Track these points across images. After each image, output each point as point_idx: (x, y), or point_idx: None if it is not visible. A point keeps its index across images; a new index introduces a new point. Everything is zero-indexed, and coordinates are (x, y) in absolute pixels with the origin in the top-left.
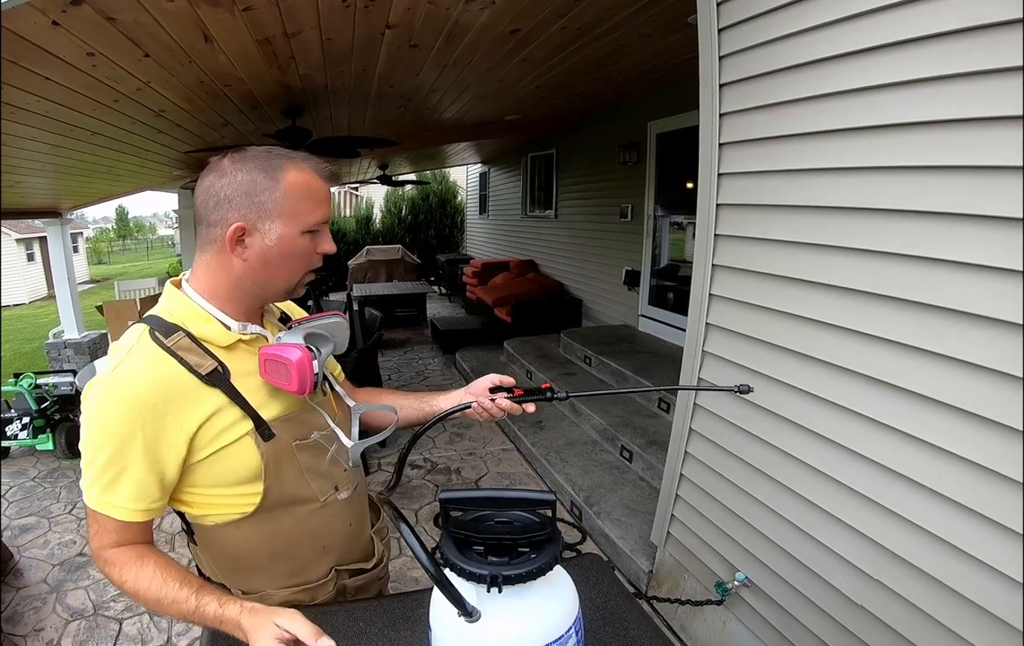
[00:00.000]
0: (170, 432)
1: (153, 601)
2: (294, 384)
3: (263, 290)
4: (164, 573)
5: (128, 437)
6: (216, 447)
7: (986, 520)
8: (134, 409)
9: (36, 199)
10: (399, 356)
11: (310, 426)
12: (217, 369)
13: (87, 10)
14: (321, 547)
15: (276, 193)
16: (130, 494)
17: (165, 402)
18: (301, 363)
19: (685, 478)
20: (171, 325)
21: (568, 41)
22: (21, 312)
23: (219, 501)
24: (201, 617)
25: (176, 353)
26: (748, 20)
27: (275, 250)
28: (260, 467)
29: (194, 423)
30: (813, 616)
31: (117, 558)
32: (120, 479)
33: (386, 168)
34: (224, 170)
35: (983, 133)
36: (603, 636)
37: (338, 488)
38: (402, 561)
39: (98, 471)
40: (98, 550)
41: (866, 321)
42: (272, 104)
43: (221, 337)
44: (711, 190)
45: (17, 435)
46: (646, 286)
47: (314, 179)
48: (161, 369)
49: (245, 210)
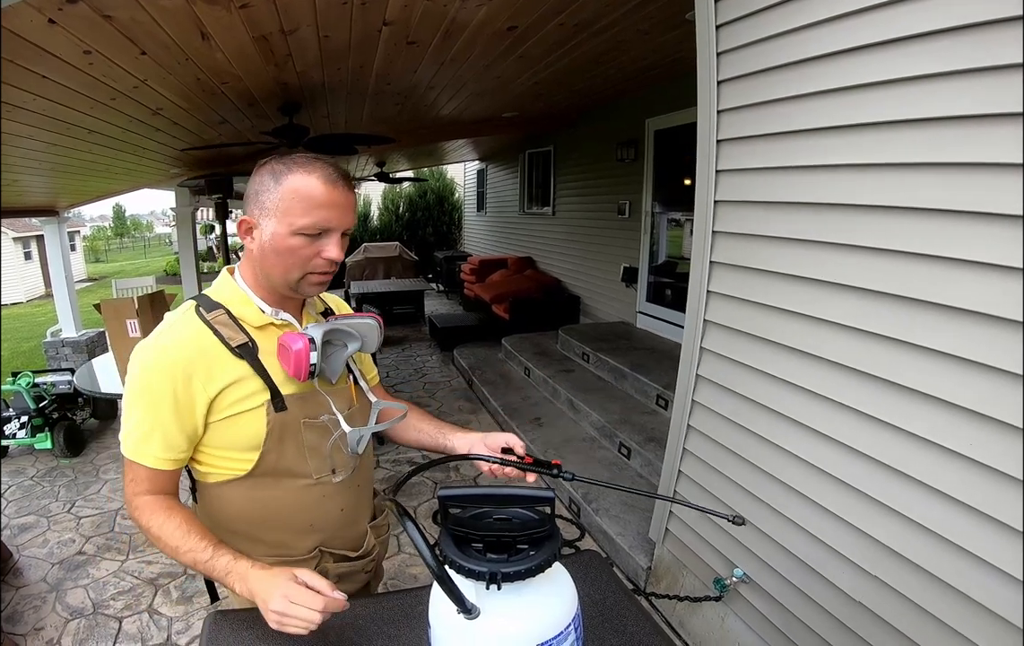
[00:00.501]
0: (196, 392)
1: (172, 548)
2: (291, 368)
3: (269, 279)
4: (188, 525)
5: (161, 395)
6: (232, 412)
7: (984, 516)
8: (167, 370)
9: (33, 197)
10: (397, 353)
11: (322, 408)
12: (247, 343)
13: (83, 8)
14: (308, 524)
15: (274, 194)
16: (161, 445)
17: (193, 366)
18: (298, 353)
19: (683, 475)
20: (215, 303)
21: (566, 38)
22: (19, 311)
23: (222, 462)
24: (212, 568)
25: (213, 325)
26: (746, 17)
27: (269, 245)
28: (264, 435)
29: (216, 387)
30: (811, 612)
31: (148, 505)
32: (153, 432)
33: (383, 165)
34: (255, 171)
35: (979, 130)
36: (602, 633)
37: (335, 471)
38: (401, 558)
39: (134, 424)
40: (131, 496)
41: (864, 318)
42: (269, 101)
43: (255, 318)
44: (709, 187)
45: (15, 434)
46: (644, 283)
47: (317, 185)
48: (195, 337)
49: (253, 207)
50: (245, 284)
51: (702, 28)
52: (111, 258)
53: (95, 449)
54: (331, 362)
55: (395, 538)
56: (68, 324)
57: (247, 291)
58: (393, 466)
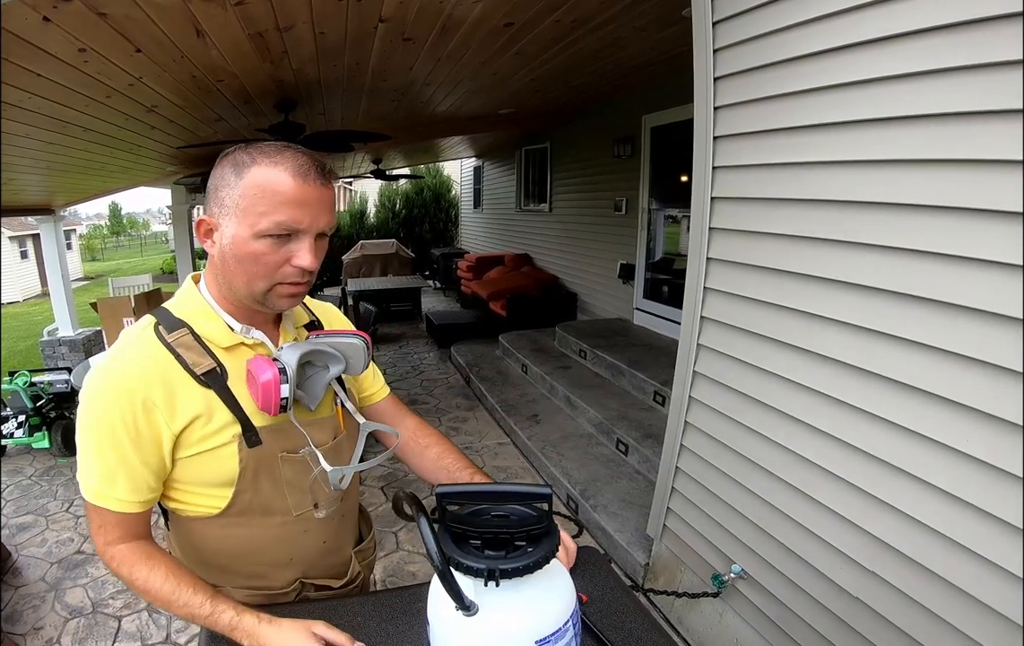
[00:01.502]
0: (159, 425)
1: (164, 601)
2: (259, 400)
3: (234, 293)
4: (176, 577)
5: (121, 428)
6: (201, 448)
7: (981, 512)
8: (125, 400)
9: (29, 196)
10: (394, 351)
11: (301, 440)
12: (215, 369)
13: (78, 5)
14: (288, 558)
15: (235, 190)
16: (127, 486)
17: (153, 396)
18: (266, 385)
19: (681, 471)
20: (177, 320)
21: (562, 34)
22: (15, 310)
23: (192, 498)
24: (214, 623)
25: (175, 349)
26: (743, 13)
27: (229, 250)
28: (236, 473)
29: (180, 422)
30: (809, 608)
31: (126, 557)
32: (117, 472)
33: (380, 162)
34: (217, 162)
35: (978, 127)
36: (600, 629)
37: (318, 506)
38: (400, 556)
39: (94, 462)
40: (104, 547)
41: (861, 314)
42: (265, 99)
43: (223, 337)
44: (706, 184)
45: (13, 434)
46: (641, 279)
47: (283, 179)
48: (154, 364)
49: (212, 205)
50: (210, 296)
51: (699, 24)
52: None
53: None
54: (310, 387)
55: (393, 535)
56: (65, 323)
57: (212, 305)
58: (391, 463)
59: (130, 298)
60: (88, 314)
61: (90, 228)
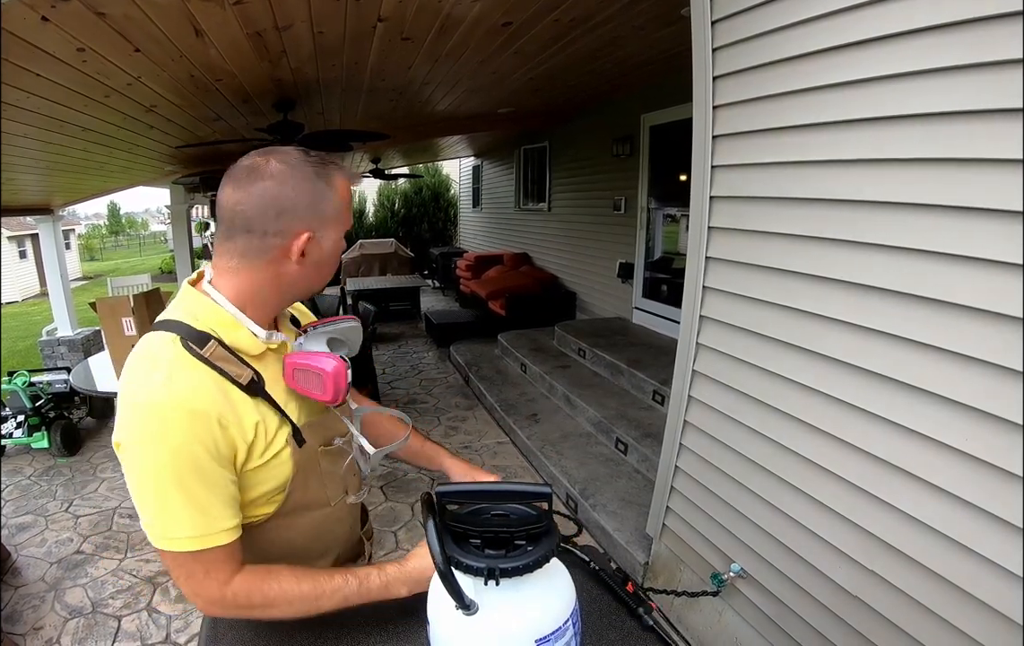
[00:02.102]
0: (235, 441)
1: (311, 601)
2: (328, 394)
3: (300, 293)
4: (304, 573)
5: (203, 455)
6: (266, 457)
7: (980, 511)
8: (200, 424)
9: (28, 196)
10: (393, 350)
11: (333, 432)
12: (254, 378)
13: (76, 5)
14: (324, 549)
15: (334, 200)
16: (224, 512)
17: (225, 413)
18: (337, 373)
19: (680, 470)
20: (201, 333)
21: (561, 33)
22: (14, 310)
23: (246, 510)
24: (367, 592)
25: (214, 363)
26: (741, 13)
27: (328, 254)
28: (290, 475)
29: (250, 434)
30: (809, 607)
31: (251, 585)
32: (210, 502)
33: (378, 161)
34: (282, 177)
35: (976, 126)
36: (600, 628)
37: (347, 492)
38: (399, 555)
39: (181, 506)
40: (219, 592)
41: (859, 313)
42: (264, 98)
43: (251, 346)
44: (704, 183)
45: (12, 434)
46: (640, 278)
47: (346, 184)
48: (210, 381)
49: (310, 219)
50: (231, 305)
51: (698, 24)
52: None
53: (92, 448)
54: None
55: (392, 534)
56: (64, 323)
57: (234, 312)
58: (390, 462)
59: (129, 298)
60: (87, 314)
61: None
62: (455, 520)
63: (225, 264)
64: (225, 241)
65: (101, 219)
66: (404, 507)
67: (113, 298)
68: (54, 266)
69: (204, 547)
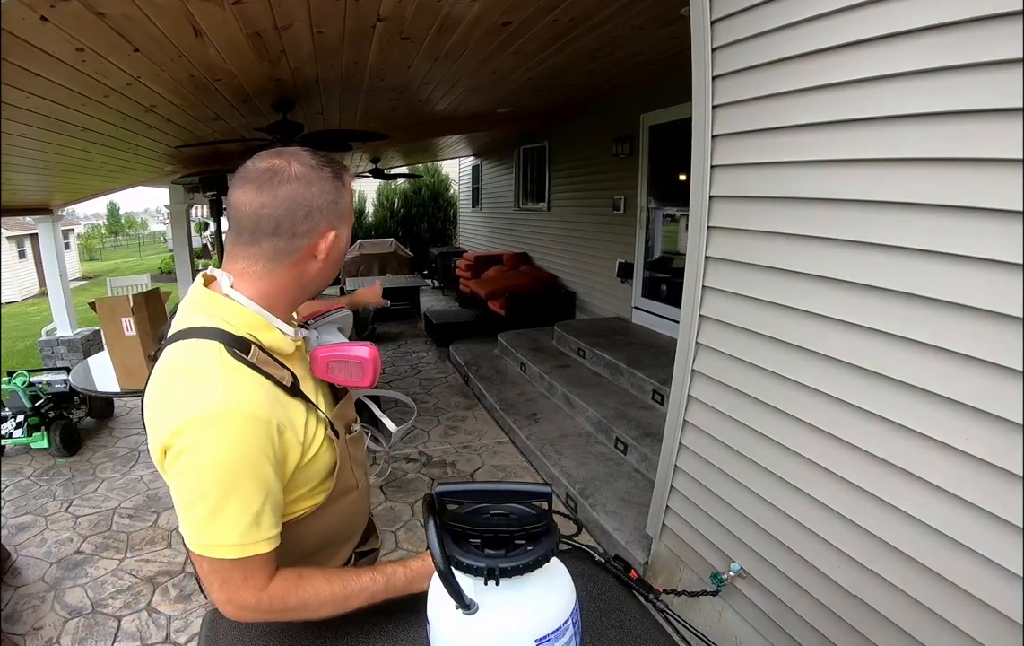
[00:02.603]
0: (290, 445)
1: (340, 602)
2: (367, 379)
3: (315, 291)
4: (333, 573)
5: (265, 462)
6: (312, 452)
7: (980, 511)
8: (263, 432)
9: (27, 196)
10: (393, 349)
11: (349, 419)
12: (295, 379)
13: (75, 5)
14: (351, 532)
15: (345, 198)
16: (272, 520)
17: (282, 419)
18: (375, 358)
19: (680, 469)
20: (242, 339)
21: (560, 33)
22: (14, 310)
23: (301, 502)
24: (393, 589)
25: (260, 368)
26: (741, 12)
27: (342, 249)
28: (333, 463)
29: (301, 432)
30: (809, 606)
31: (287, 589)
32: (263, 510)
33: (378, 161)
34: (310, 180)
35: (976, 125)
36: (600, 627)
37: (366, 474)
38: (399, 554)
39: (238, 512)
40: (256, 598)
41: (859, 313)
42: (263, 98)
43: (285, 345)
44: (704, 182)
45: (12, 434)
46: (639, 278)
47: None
48: (265, 387)
49: (333, 217)
50: (259, 307)
51: (697, 23)
52: (106, 256)
53: (92, 448)
54: None
55: (392, 534)
56: (63, 323)
57: (266, 315)
58: (390, 463)
59: (128, 298)
60: (86, 314)
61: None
62: (455, 520)
63: (250, 268)
64: (248, 246)
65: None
66: (404, 507)
67: (112, 298)
68: (53, 266)
69: (248, 555)
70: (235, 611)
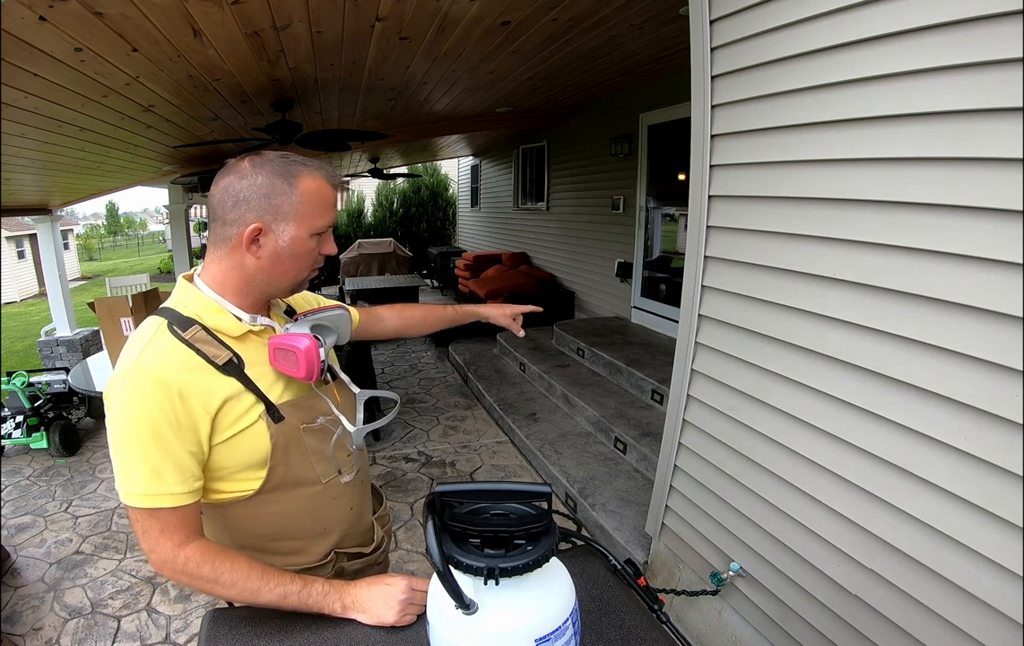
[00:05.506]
0: (195, 412)
1: (251, 591)
2: (302, 370)
3: (270, 286)
4: (260, 566)
5: (162, 421)
6: (235, 430)
7: (979, 510)
8: (163, 394)
9: (26, 196)
10: (392, 349)
11: (316, 411)
12: (232, 359)
13: (74, 5)
14: (322, 529)
15: (292, 197)
16: (176, 477)
17: (186, 385)
18: (309, 351)
19: (679, 469)
20: (187, 318)
21: (559, 33)
22: (13, 310)
23: (228, 484)
24: (306, 596)
25: (193, 345)
26: (740, 12)
27: (287, 250)
28: (269, 449)
29: (215, 404)
30: (808, 606)
31: (204, 555)
32: (164, 466)
33: (377, 161)
34: (244, 172)
35: (973, 125)
36: (600, 627)
37: (341, 471)
38: (399, 554)
39: (138, 465)
40: (173, 553)
41: (858, 312)
42: (262, 98)
43: (233, 328)
44: (703, 182)
45: (11, 434)
46: (638, 278)
47: (325, 187)
48: (178, 356)
49: (262, 211)
50: (213, 292)
51: (696, 23)
52: (104, 256)
53: (91, 448)
54: None
55: (392, 534)
56: (62, 323)
57: (218, 299)
58: (389, 462)
59: (128, 298)
60: (85, 314)
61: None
62: (455, 519)
63: (210, 255)
64: (210, 234)
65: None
66: (404, 507)
67: (111, 298)
68: (52, 266)
69: (155, 506)
70: (156, 564)
